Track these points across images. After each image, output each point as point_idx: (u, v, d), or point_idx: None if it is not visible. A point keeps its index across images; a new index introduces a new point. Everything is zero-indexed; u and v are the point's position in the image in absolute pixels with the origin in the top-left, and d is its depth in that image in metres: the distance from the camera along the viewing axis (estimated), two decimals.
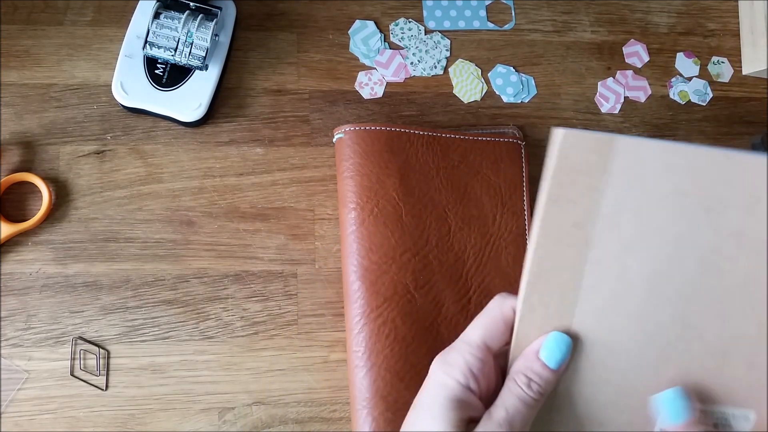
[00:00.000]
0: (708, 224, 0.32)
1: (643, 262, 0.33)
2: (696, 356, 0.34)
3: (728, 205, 0.32)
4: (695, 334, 0.33)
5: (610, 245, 0.33)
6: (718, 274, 0.33)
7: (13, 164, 0.53)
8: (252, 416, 0.51)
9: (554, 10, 0.65)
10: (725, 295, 0.33)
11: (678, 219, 0.32)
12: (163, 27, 0.53)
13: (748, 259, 0.32)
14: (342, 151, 0.54)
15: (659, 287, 0.33)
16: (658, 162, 0.32)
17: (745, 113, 0.65)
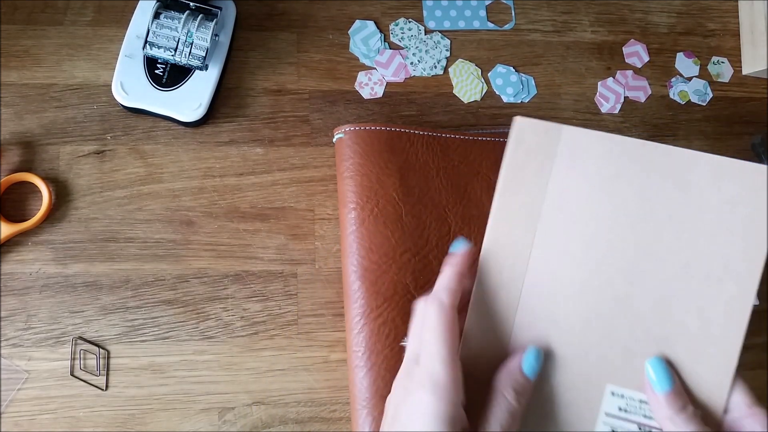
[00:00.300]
0: (643, 209, 0.36)
1: (584, 240, 0.36)
2: (638, 340, 0.36)
3: (661, 193, 0.36)
4: (636, 317, 0.36)
5: (557, 223, 0.37)
6: (657, 257, 0.36)
7: (13, 164, 0.53)
8: (252, 416, 0.51)
9: (554, 10, 0.65)
10: (665, 280, 0.36)
11: (615, 203, 0.36)
12: (163, 27, 0.53)
13: (684, 246, 0.36)
14: (342, 151, 0.54)
15: (601, 266, 0.36)
16: (598, 150, 0.36)
17: (745, 113, 0.65)
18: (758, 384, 0.59)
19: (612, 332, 0.36)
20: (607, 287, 0.36)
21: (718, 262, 0.36)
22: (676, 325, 0.36)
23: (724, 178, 0.36)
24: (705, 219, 0.36)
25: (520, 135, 0.37)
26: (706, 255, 0.36)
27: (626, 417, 0.36)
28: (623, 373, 0.36)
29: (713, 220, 0.36)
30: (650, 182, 0.36)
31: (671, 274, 0.36)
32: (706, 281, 0.36)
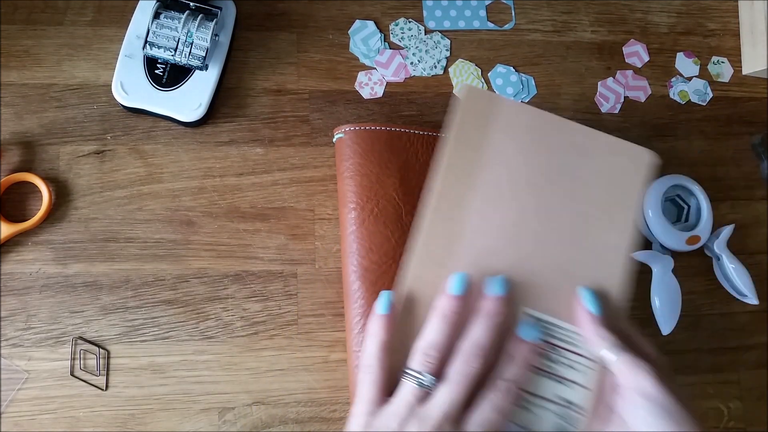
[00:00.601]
0: (554, 166, 0.46)
1: (512, 185, 0.46)
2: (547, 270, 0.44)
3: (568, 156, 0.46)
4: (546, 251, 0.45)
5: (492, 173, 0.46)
6: (562, 204, 0.46)
7: (13, 164, 0.53)
8: (252, 416, 0.51)
9: (554, 10, 0.65)
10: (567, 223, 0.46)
11: (536, 159, 0.46)
12: (163, 27, 0.53)
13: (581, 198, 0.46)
14: (342, 151, 0.54)
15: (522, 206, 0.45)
16: (526, 119, 0.47)
17: (745, 113, 0.65)
18: (758, 384, 0.59)
19: (531, 264, 0.45)
20: (528, 226, 0.45)
21: (605, 213, 0.46)
22: (578, 261, 0.45)
23: (616, 153, 0.47)
24: (599, 180, 0.47)
25: (467, 101, 0.46)
26: (598, 207, 0.46)
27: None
28: (538, 299, 0.44)
29: (605, 182, 0.47)
30: (561, 147, 0.47)
31: (575, 219, 0.46)
32: (596, 227, 0.46)
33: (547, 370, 0.42)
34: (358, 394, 0.40)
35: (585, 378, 0.42)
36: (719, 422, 0.58)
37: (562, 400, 0.42)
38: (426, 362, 0.40)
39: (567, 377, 0.42)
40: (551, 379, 0.42)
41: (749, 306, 0.60)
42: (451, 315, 0.41)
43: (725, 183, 0.63)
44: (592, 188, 0.46)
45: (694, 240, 0.57)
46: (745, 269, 0.58)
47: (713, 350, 0.59)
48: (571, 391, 0.42)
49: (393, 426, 0.38)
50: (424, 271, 0.43)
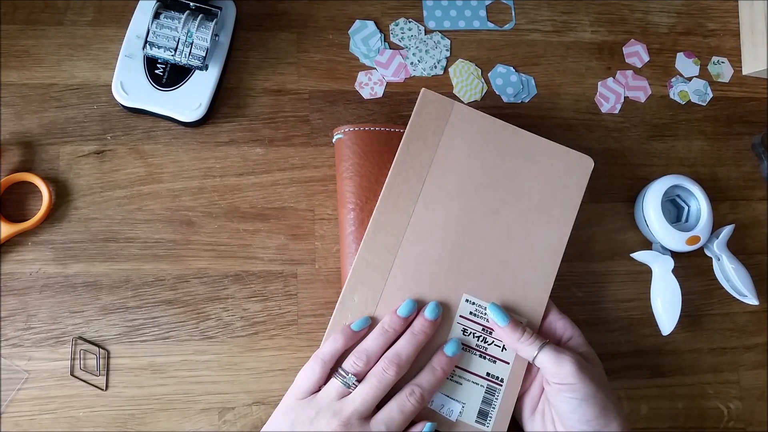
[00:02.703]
0: (500, 168, 0.51)
1: (461, 185, 0.50)
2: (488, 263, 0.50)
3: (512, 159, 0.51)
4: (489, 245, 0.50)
5: (442, 170, 0.50)
6: (506, 203, 0.50)
7: (13, 164, 0.53)
8: (252, 416, 0.51)
9: (554, 10, 0.65)
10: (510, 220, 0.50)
11: (481, 162, 0.51)
12: (163, 27, 0.53)
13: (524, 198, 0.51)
14: (341, 151, 0.54)
15: (469, 205, 0.50)
16: (476, 124, 0.52)
17: (745, 113, 0.65)
18: (758, 384, 0.59)
19: (472, 254, 0.50)
20: (472, 222, 0.50)
21: (545, 213, 0.51)
22: (514, 254, 0.50)
23: (558, 158, 0.52)
24: (540, 182, 0.51)
25: (423, 104, 0.51)
26: (538, 207, 0.51)
27: (474, 320, 0.49)
28: (476, 287, 0.49)
29: (545, 184, 0.51)
30: (506, 151, 0.51)
31: (515, 217, 0.51)
32: (536, 225, 0.51)
33: (481, 351, 0.48)
34: (296, 381, 0.46)
35: (511, 356, 0.49)
36: (719, 422, 0.58)
37: (490, 375, 0.48)
38: (354, 364, 0.45)
39: (496, 356, 0.49)
40: (483, 358, 0.48)
41: (749, 306, 0.60)
42: (390, 330, 0.46)
43: (725, 183, 0.63)
44: (534, 190, 0.51)
45: (694, 240, 0.57)
46: (745, 269, 0.58)
47: (713, 350, 0.59)
48: (497, 366, 0.48)
49: (311, 414, 0.44)
50: (370, 255, 0.49)
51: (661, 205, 0.57)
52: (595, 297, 0.58)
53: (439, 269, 0.49)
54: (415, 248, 0.49)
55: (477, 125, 0.51)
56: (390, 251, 0.49)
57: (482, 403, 0.48)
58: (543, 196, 0.51)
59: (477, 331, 0.49)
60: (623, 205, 0.61)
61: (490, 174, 0.51)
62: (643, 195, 0.59)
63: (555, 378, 0.45)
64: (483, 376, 0.48)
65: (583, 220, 0.59)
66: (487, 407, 0.48)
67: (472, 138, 0.51)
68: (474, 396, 0.48)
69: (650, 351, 0.58)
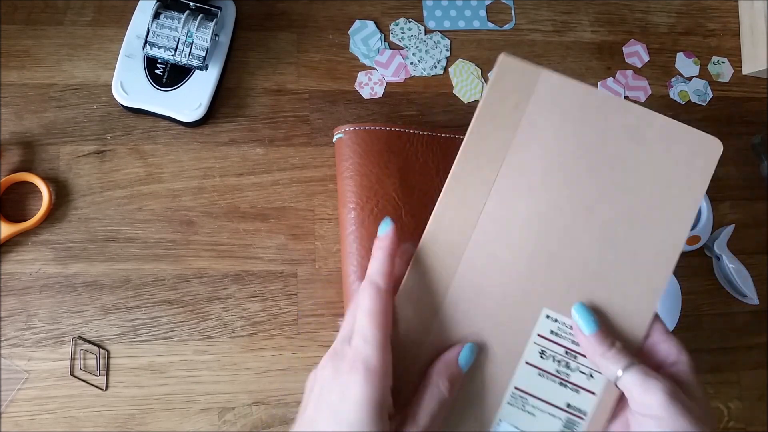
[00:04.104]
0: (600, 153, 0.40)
1: (545, 172, 0.39)
2: (577, 271, 0.39)
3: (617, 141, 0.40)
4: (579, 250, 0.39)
5: (523, 154, 0.39)
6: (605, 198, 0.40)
7: (13, 164, 0.53)
8: (252, 416, 0.51)
9: (554, 10, 0.65)
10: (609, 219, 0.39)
11: (577, 143, 0.39)
12: (163, 27, 0.53)
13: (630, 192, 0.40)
14: (342, 151, 0.54)
15: (556, 197, 0.39)
16: (570, 95, 0.39)
17: (745, 113, 0.65)
18: (758, 384, 0.59)
19: (556, 260, 0.39)
20: (559, 218, 0.39)
21: (656, 210, 0.40)
22: (612, 262, 0.39)
23: (676, 141, 0.40)
24: (651, 171, 0.40)
25: (502, 71, 0.40)
26: (647, 202, 0.40)
27: (556, 340, 0.39)
28: (561, 300, 0.39)
29: (658, 174, 0.40)
30: (610, 131, 0.40)
31: (615, 215, 0.40)
32: (643, 225, 0.40)
33: (562, 377, 0.39)
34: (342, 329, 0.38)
35: (596, 384, 0.39)
36: (719, 422, 0.58)
37: (570, 407, 0.40)
38: None
39: (580, 385, 0.39)
40: (564, 386, 0.40)
41: (749, 306, 0.60)
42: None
43: (725, 183, 0.63)
44: (643, 181, 0.40)
45: (694, 240, 0.57)
46: (745, 269, 0.58)
47: (713, 350, 0.59)
48: (580, 397, 0.39)
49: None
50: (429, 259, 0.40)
51: None
52: None
53: (515, 277, 0.39)
54: (484, 251, 0.39)
55: (571, 98, 0.40)
56: (454, 254, 0.40)
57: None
58: (654, 190, 0.40)
59: (558, 353, 0.39)
60: None
61: (586, 161, 0.40)
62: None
63: (640, 407, 0.37)
64: (562, 408, 0.39)
65: None
66: None
67: (563, 115, 0.40)
68: (549, 428, 0.40)
69: None
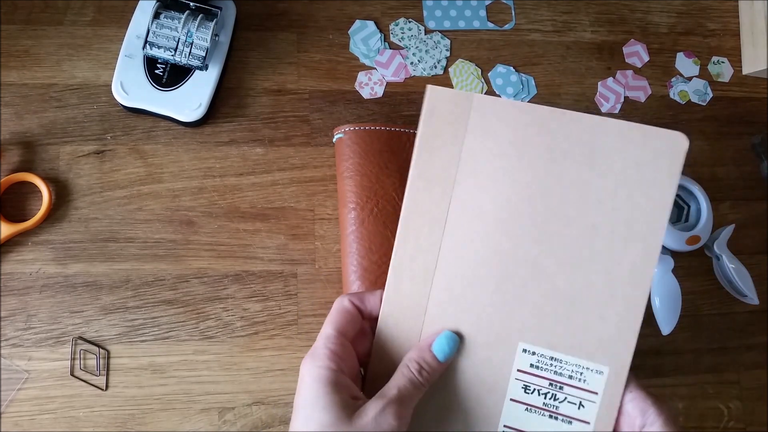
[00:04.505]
0: (552, 173, 0.37)
1: (496, 203, 0.37)
2: (548, 300, 0.37)
3: (568, 157, 0.37)
4: (546, 277, 0.37)
5: (469, 186, 0.37)
6: (565, 220, 0.37)
7: (13, 164, 0.53)
8: (252, 416, 0.51)
9: (554, 10, 0.65)
10: (573, 241, 0.37)
11: (525, 168, 0.37)
12: (163, 27, 0.53)
13: (591, 209, 0.37)
14: (342, 151, 0.54)
15: (512, 228, 0.37)
16: (508, 117, 0.37)
17: (745, 113, 0.65)
18: (758, 384, 0.59)
19: (523, 292, 0.37)
20: (519, 249, 0.37)
21: (622, 224, 0.37)
22: (583, 285, 0.37)
23: (635, 144, 0.37)
24: (610, 182, 0.37)
25: (432, 103, 0.37)
26: (611, 216, 0.37)
27: (538, 373, 0.38)
28: (536, 332, 0.37)
29: (618, 183, 0.37)
30: (558, 148, 0.37)
31: (579, 236, 0.37)
32: (611, 242, 0.37)
33: (551, 410, 0.38)
34: None
35: (588, 413, 0.38)
36: (719, 422, 0.58)
37: None
38: None
39: (571, 415, 0.38)
40: (555, 418, 0.38)
41: (749, 306, 0.60)
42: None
43: (725, 183, 0.63)
44: (603, 194, 0.37)
45: (694, 240, 0.57)
46: (745, 269, 0.58)
47: (713, 350, 0.59)
48: (573, 427, 0.38)
49: None
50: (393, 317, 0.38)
51: None
52: None
53: (483, 316, 0.38)
54: (447, 295, 0.38)
55: (510, 119, 0.37)
56: (419, 304, 0.38)
57: None
58: (616, 202, 0.37)
59: (543, 386, 0.38)
60: None
61: (538, 183, 0.37)
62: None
63: None
64: None
65: None
66: None
67: (504, 139, 0.37)
68: None
69: (650, 351, 0.58)
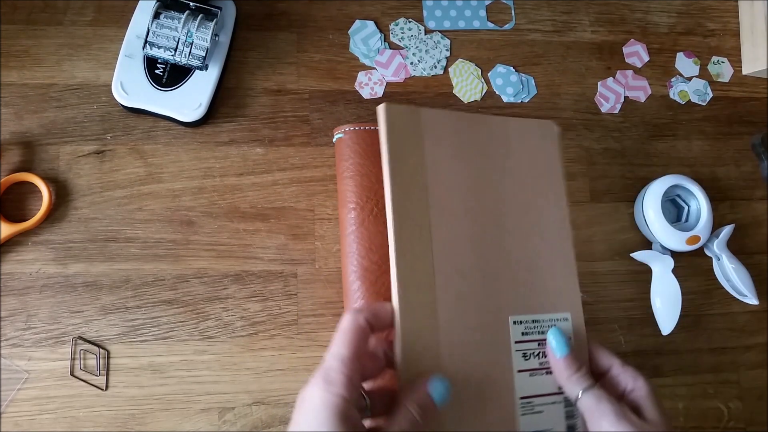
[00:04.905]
0: (486, 165, 0.45)
1: (461, 198, 0.43)
2: (515, 272, 0.44)
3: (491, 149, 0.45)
4: (508, 254, 0.44)
5: (438, 188, 0.43)
6: (506, 202, 0.45)
7: (13, 164, 0.53)
8: (252, 416, 0.51)
9: (554, 10, 0.65)
10: (516, 218, 0.45)
11: (469, 162, 0.44)
12: (163, 27, 0.53)
13: (517, 188, 0.45)
14: (342, 151, 0.54)
15: (477, 216, 0.43)
16: (447, 125, 0.44)
17: (745, 113, 0.65)
18: (758, 384, 0.59)
19: (498, 271, 0.43)
20: (486, 234, 0.43)
21: (541, 195, 0.46)
22: (532, 251, 0.45)
23: (527, 133, 0.47)
24: (524, 164, 0.46)
25: (390, 119, 0.42)
26: (530, 190, 0.46)
27: (528, 338, 0.43)
28: (518, 302, 0.43)
29: (529, 164, 0.46)
30: (483, 143, 0.45)
31: (517, 212, 0.45)
32: (537, 210, 0.46)
33: (545, 367, 0.43)
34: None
35: None
36: (719, 422, 0.58)
37: (560, 387, 0.43)
38: None
39: None
40: (550, 373, 0.43)
41: (749, 306, 0.60)
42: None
43: (725, 183, 0.63)
44: (522, 175, 0.46)
45: (694, 240, 0.57)
46: (745, 269, 0.58)
47: (713, 350, 0.59)
48: None
49: None
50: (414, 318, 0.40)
51: (661, 205, 0.57)
52: (595, 297, 0.58)
53: (480, 302, 0.42)
54: (451, 294, 0.41)
55: (450, 126, 0.44)
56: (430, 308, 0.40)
57: (567, 419, 0.43)
58: (531, 178, 0.46)
59: (534, 349, 0.43)
60: (623, 205, 0.61)
61: (480, 175, 0.44)
62: (643, 195, 0.59)
63: (594, 426, 0.40)
64: (557, 392, 0.43)
65: (583, 220, 0.59)
66: (572, 420, 0.43)
67: (451, 142, 0.44)
68: (556, 416, 0.43)
69: (650, 351, 0.58)
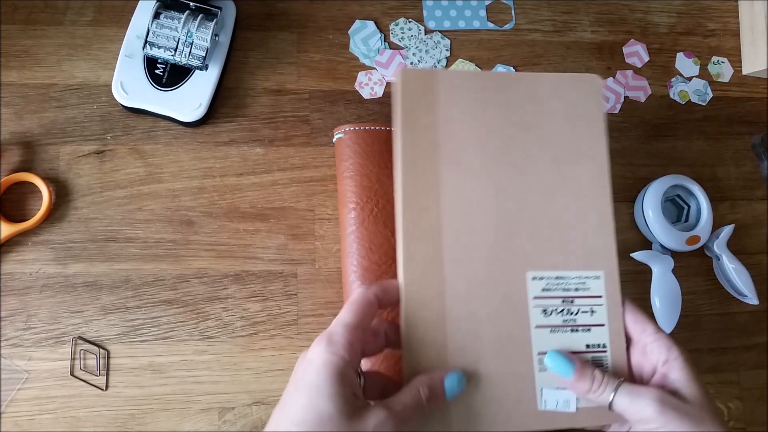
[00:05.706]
0: (511, 120, 0.45)
1: (477, 154, 0.44)
2: (537, 228, 0.43)
3: (519, 106, 0.45)
4: (531, 210, 0.44)
5: (452, 145, 0.43)
6: (532, 158, 0.44)
7: (13, 164, 0.53)
8: (252, 416, 0.51)
9: (554, 10, 0.65)
10: (542, 174, 0.44)
11: (490, 118, 0.45)
12: (163, 27, 0.53)
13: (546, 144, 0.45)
14: (342, 151, 0.54)
15: (494, 172, 0.44)
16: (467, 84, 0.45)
17: (745, 113, 0.65)
18: (758, 384, 0.59)
19: (517, 227, 0.43)
20: (504, 190, 0.44)
21: (574, 150, 0.45)
22: (561, 207, 0.44)
23: (565, 88, 0.46)
24: (557, 121, 0.45)
25: (405, 81, 0.44)
26: (564, 147, 0.45)
27: (550, 295, 0.42)
28: (538, 258, 0.43)
29: (562, 120, 0.45)
30: (512, 101, 0.45)
31: (547, 168, 0.44)
32: (571, 168, 0.45)
33: (570, 325, 0.42)
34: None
35: (601, 315, 0.43)
36: None
37: (590, 347, 0.42)
38: None
39: (588, 323, 0.43)
40: (576, 331, 0.42)
41: (749, 306, 0.60)
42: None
43: (725, 183, 0.63)
44: (555, 131, 0.45)
45: (694, 240, 0.57)
46: (745, 269, 0.58)
47: (713, 350, 0.59)
48: (593, 334, 0.42)
49: None
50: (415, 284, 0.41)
51: (661, 205, 0.57)
52: None
53: (491, 257, 0.42)
54: (458, 248, 0.42)
55: (471, 84, 0.45)
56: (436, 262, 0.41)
57: None
58: (566, 135, 0.45)
59: (557, 305, 0.42)
60: (623, 205, 0.60)
61: (504, 132, 0.44)
62: (643, 195, 0.59)
63: (637, 423, 0.39)
64: (584, 351, 0.42)
65: None
66: None
67: (470, 102, 0.45)
68: None
69: None
